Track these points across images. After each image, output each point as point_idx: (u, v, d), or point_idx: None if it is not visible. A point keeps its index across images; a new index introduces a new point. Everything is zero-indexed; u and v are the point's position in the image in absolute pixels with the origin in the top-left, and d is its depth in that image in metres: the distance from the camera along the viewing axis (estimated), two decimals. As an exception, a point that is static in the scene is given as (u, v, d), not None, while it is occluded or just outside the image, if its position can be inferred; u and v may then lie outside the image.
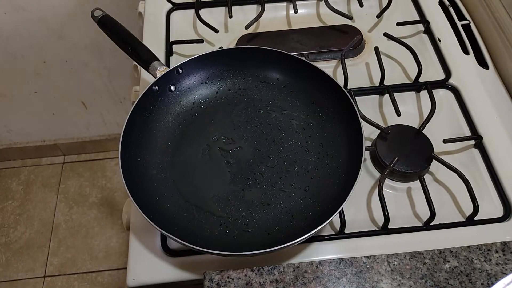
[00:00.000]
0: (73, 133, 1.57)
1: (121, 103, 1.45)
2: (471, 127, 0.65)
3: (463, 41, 0.75)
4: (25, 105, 1.41)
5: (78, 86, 1.36)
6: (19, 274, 1.42)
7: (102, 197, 1.55)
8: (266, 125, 0.62)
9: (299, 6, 0.79)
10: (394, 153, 0.60)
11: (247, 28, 0.74)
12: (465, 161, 0.62)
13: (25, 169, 1.62)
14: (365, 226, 0.57)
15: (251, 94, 0.65)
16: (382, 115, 0.68)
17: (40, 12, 1.12)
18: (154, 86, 0.61)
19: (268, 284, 0.51)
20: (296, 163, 0.59)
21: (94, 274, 1.41)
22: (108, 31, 0.64)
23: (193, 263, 0.55)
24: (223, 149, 0.60)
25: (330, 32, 0.76)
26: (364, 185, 0.61)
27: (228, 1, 0.79)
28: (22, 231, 1.49)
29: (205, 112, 0.64)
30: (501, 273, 0.51)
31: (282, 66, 0.64)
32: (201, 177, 0.58)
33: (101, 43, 1.22)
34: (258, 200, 0.56)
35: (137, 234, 0.57)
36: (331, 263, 0.52)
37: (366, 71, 0.72)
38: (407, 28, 0.76)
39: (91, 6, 0.66)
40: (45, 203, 1.54)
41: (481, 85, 0.69)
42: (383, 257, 0.52)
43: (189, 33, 0.78)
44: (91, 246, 1.46)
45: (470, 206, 0.56)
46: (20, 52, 1.22)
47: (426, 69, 0.69)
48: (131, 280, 0.54)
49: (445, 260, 0.52)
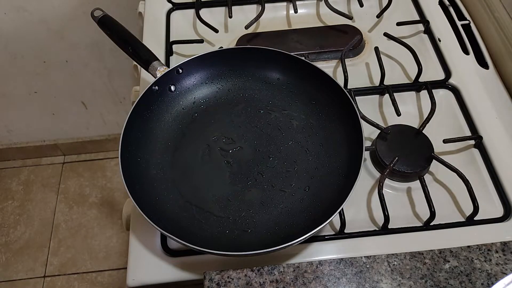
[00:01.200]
0: (73, 133, 1.57)
1: (121, 103, 1.45)
2: (471, 127, 0.65)
3: (463, 41, 0.75)
4: (25, 105, 1.41)
5: (78, 86, 1.36)
6: (19, 274, 1.42)
7: (102, 197, 1.55)
8: (266, 125, 0.62)
9: (299, 6, 0.79)
10: (394, 153, 0.60)
11: (247, 28, 0.74)
12: (465, 161, 0.62)
13: (25, 169, 1.62)
14: (365, 226, 0.57)
15: (251, 94, 0.65)
16: (382, 115, 0.68)
17: (40, 12, 1.12)
18: (154, 86, 0.61)
19: (268, 284, 0.51)
20: (296, 163, 0.59)
21: (94, 274, 1.41)
22: (108, 31, 0.64)
23: (193, 263, 0.55)
24: (223, 149, 0.60)
25: (330, 32, 0.76)
26: (364, 185, 0.61)
27: (228, 1, 0.79)
28: (22, 231, 1.49)
29: (205, 112, 0.64)
30: (501, 273, 0.51)
31: (282, 66, 0.64)
32: (201, 177, 0.58)
33: (101, 43, 1.22)
34: (258, 200, 0.56)
35: (137, 234, 0.57)
36: (331, 263, 0.52)
37: (366, 71, 0.72)
38: (407, 28, 0.76)
39: (91, 6, 0.66)
40: (45, 203, 1.54)
41: (481, 85, 0.69)
42: (383, 257, 0.52)
43: (189, 33, 0.78)
44: (91, 246, 1.46)
45: (470, 206, 0.56)
46: (20, 52, 1.22)
47: (426, 69, 0.69)
48: (131, 280, 0.54)
49: (445, 260, 0.52)
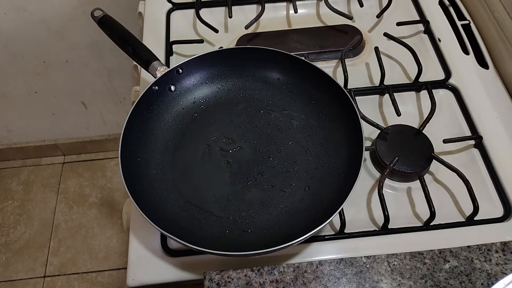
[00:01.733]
0: (73, 133, 1.57)
1: (121, 103, 1.45)
2: (471, 127, 0.65)
3: (463, 41, 0.75)
4: (25, 105, 1.41)
5: (78, 86, 1.36)
6: (19, 274, 1.42)
7: (102, 197, 1.55)
8: (266, 125, 0.62)
9: (299, 6, 0.79)
10: (394, 153, 0.60)
11: (247, 28, 0.74)
12: (465, 161, 0.62)
13: (25, 169, 1.62)
14: (365, 226, 0.57)
15: (251, 94, 0.65)
16: (382, 115, 0.68)
17: (40, 12, 1.12)
18: (154, 86, 0.60)
19: (268, 284, 0.51)
20: (296, 163, 0.59)
21: (94, 274, 1.41)
22: (108, 31, 0.64)
23: (193, 263, 0.55)
24: (223, 149, 0.60)
25: (330, 32, 0.76)
26: (364, 185, 0.61)
27: (228, 1, 0.78)
28: (22, 231, 1.49)
29: (205, 112, 0.64)
30: (501, 273, 0.51)
31: (282, 66, 0.64)
32: (201, 177, 0.58)
33: (101, 43, 1.22)
34: (258, 200, 0.56)
35: (137, 234, 0.57)
36: (331, 263, 0.52)
37: (366, 71, 0.72)
38: (407, 28, 0.76)
39: (91, 6, 0.66)
40: (45, 203, 1.54)
41: (481, 85, 0.69)
42: (383, 257, 0.52)
43: (189, 33, 0.78)
44: (91, 246, 1.46)
45: (470, 206, 0.56)
46: (20, 52, 1.22)
47: (426, 69, 0.69)
48: (131, 280, 0.54)
49: (445, 260, 0.52)
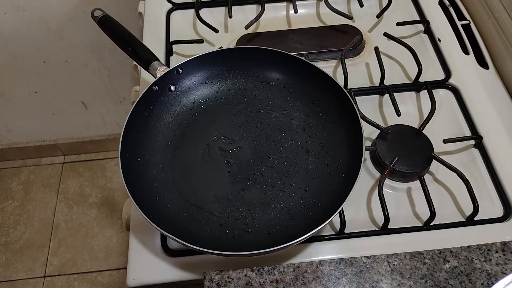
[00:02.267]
0: (73, 133, 1.57)
1: (121, 103, 1.45)
2: (471, 127, 0.65)
3: (463, 41, 0.75)
4: (25, 105, 1.41)
5: (78, 86, 1.36)
6: (19, 274, 1.42)
7: (102, 197, 1.55)
8: (266, 125, 0.62)
9: (299, 6, 0.79)
10: (394, 153, 0.60)
11: (247, 28, 0.74)
12: (465, 161, 0.62)
13: (25, 169, 1.62)
14: (365, 226, 0.57)
15: (251, 94, 0.65)
16: (382, 115, 0.68)
17: (40, 12, 1.12)
18: (154, 86, 0.60)
19: (268, 284, 0.51)
20: (296, 163, 0.59)
21: (94, 274, 1.41)
22: (108, 31, 0.64)
23: (193, 263, 0.55)
24: (223, 149, 0.60)
25: (330, 32, 0.76)
26: (364, 185, 0.61)
27: (228, 1, 0.79)
28: (22, 231, 1.49)
29: (205, 112, 0.64)
30: (501, 273, 0.51)
31: (282, 66, 0.64)
32: (201, 177, 0.58)
33: (101, 43, 1.22)
34: (258, 200, 0.56)
35: (137, 234, 0.57)
36: (331, 263, 0.52)
37: (366, 71, 0.72)
38: (407, 28, 0.76)
39: (91, 6, 0.66)
40: (45, 203, 1.54)
41: (481, 85, 0.69)
42: (383, 257, 0.52)
43: (189, 33, 0.78)
44: (91, 246, 1.46)
45: (470, 206, 0.56)
46: (20, 52, 1.22)
47: (426, 69, 0.69)
48: (131, 280, 0.54)
49: (445, 260, 0.52)
